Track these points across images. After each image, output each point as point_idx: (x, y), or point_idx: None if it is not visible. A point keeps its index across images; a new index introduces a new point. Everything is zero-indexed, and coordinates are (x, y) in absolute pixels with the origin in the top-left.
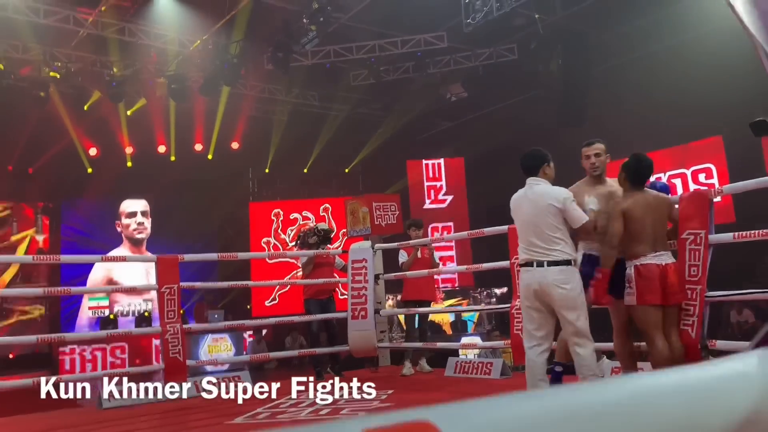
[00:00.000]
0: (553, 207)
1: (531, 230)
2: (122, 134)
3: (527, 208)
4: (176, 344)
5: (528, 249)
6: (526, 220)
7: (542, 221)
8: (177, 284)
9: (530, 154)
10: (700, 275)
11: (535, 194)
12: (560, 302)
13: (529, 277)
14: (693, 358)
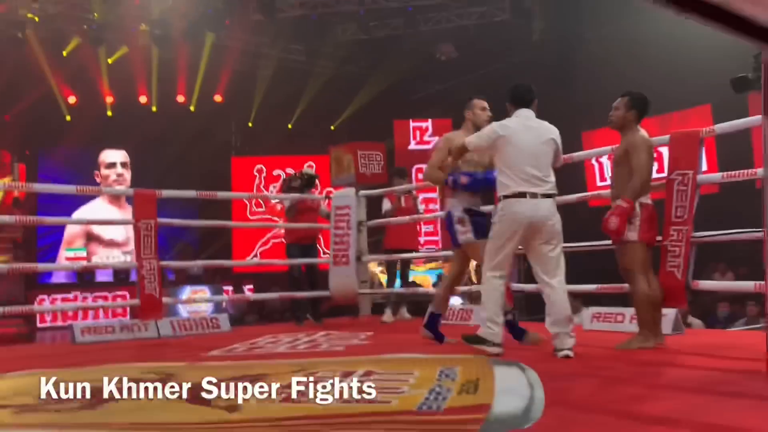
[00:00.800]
0: (553, 142)
1: (529, 161)
2: (102, 83)
3: (528, 139)
4: (152, 281)
5: (524, 180)
6: (525, 150)
7: (543, 153)
8: (154, 219)
9: (525, 86)
10: (686, 216)
11: (535, 126)
12: (547, 235)
13: (522, 208)
14: (678, 299)
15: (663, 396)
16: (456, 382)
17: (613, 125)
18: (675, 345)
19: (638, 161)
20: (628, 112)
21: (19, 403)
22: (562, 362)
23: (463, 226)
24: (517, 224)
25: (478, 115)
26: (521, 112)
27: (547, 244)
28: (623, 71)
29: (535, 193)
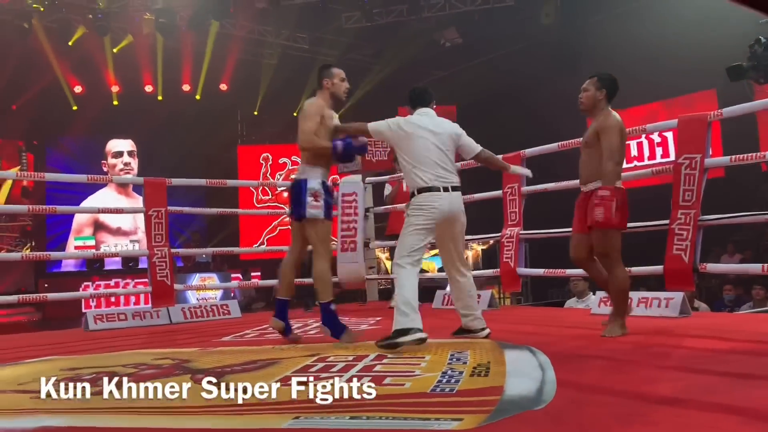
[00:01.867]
0: (455, 135)
1: (435, 156)
2: (108, 72)
3: (430, 135)
4: (164, 268)
5: (436, 175)
6: (429, 147)
7: (446, 148)
8: (164, 207)
9: (423, 87)
10: (694, 200)
11: (436, 123)
12: (460, 229)
13: (440, 202)
14: (686, 282)
15: (672, 377)
16: (467, 366)
17: (583, 107)
18: (682, 328)
19: (610, 144)
20: (597, 92)
21: (37, 389)
22: (572, 345)
23: (316, 200)
24: (435, 217)
25: (338, 86)
26: (422, 110)
27: (460, 236)
28: (629, 56)
29: (447, 186)
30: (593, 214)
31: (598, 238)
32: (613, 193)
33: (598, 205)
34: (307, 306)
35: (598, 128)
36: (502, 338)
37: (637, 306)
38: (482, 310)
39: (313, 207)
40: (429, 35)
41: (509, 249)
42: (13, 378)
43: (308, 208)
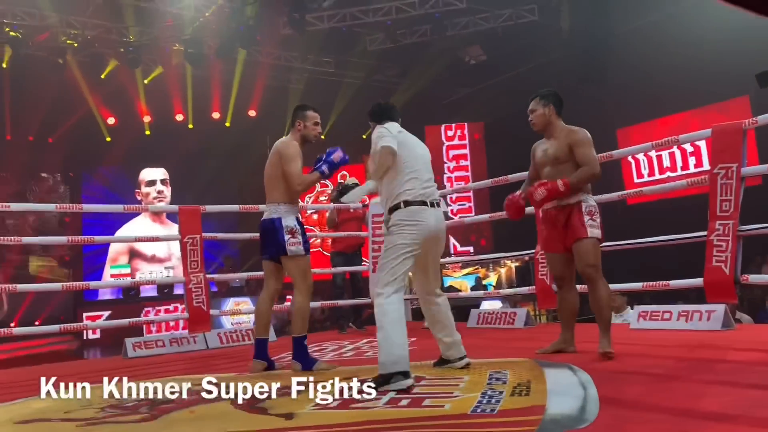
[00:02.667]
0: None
1: (424, 166)
2: (140, 103)
3: (418, 147)
4: (200, 294)
5: (423, 187)
6: (418, 159)
7: (428, 161)
8: (199, 234)
9: (389, 104)
10: (732, 210)
11: (414, 138)
12: (441, 247)
13: (427, 217)
14: (727, 294)
15: (718, 392)
16: (507, 385)
17: (537, 127)
18: (726, 341)
19: (587, 155)
20: (545, 109)
21: (83, 417)
22: (612, 362)
23: (294, 237)
24: (422, 236)
25: (310, 129)
26: (395, 124)
27: (438, 257)
28: (658, 66)
29: (433, 202)
30: (534, 192)
31: (588, 249)
32: (567, 189)
33: (542, 185)
34: (341, 328)
35: (570, 143)
36: (541, 357)
37: (678, 319)
38: (518, 327)
39: (293, 244)
40: (453, 53)
41: (544, 266)
42: (59, 406)
43: (288, 245)
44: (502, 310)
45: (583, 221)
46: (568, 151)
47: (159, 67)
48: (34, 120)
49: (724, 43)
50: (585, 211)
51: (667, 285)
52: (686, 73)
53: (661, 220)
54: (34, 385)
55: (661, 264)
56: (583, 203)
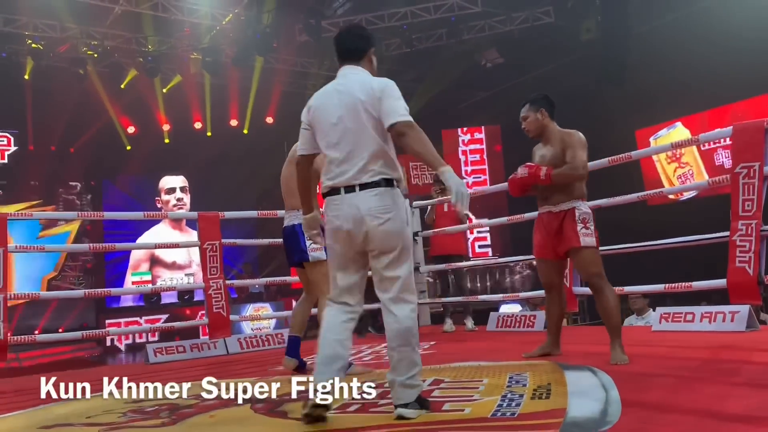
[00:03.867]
0: (361, 104)
1: (331, 140)
2: (159, 111)
3: (330, 109)
4: (219, 299)
5: (327, 170)
6: (326, 126)
7: (349, 126)
8: (219, 240)
9: (353, 31)
10: (755, 210)
11: (345, 88)
12: (376, 244)
13: (332, 209)
14: (751, 295)
15: (744, 394)
16: (527, 388)
17: (532, 134)
18: (751, 342)
19: (575, 156)
20: (537, 114)
21: (105, 422)
22: (634, 363)
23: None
24: (334, 232)
25: None
26: (342, 70)
27: (379, 258)
28: (675, 66)
29: (337, 186)
30: (575, 236)
31: (589, 257)
32: (548, 179)
33: (526, 166)
34: (360, 332)
35: (563, 146)
36: (561, 359)
37: (701, 321)
38: (538, 330)
39: (314, 249)
40: (470, 57)
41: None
42: (82, 411)
43: (310, 251)
44: (521, 313)
45: (576, 229)
46: (563, 156)
47: (177, 75)
48: (56, 130)
49: (744, 41)
50: (578, 219)
51: (690, 286)
52: (706, 73)
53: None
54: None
55: (683, 265)
56: (577, 210)
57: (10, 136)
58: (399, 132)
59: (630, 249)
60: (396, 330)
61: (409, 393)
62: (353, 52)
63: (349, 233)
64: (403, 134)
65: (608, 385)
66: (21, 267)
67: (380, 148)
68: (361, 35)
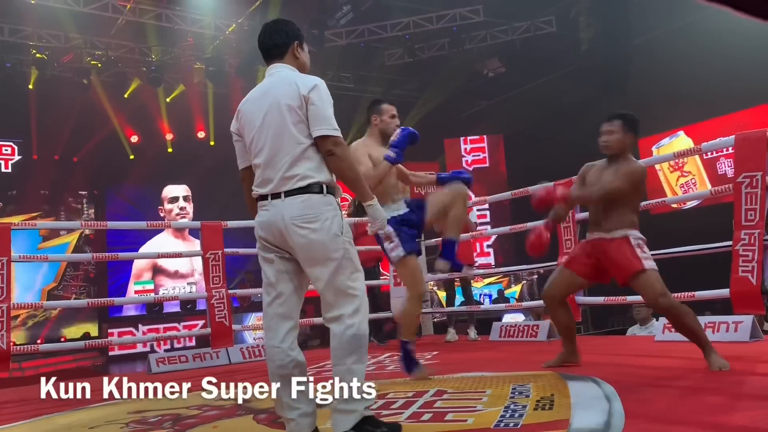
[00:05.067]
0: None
1: (255, 146)
2: (162, 121)
3: (254, 113)
4: (222, 309)
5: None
6: (250, 132)
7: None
8: (221, 250)
9: (277, 26)
10: (757, 219)
11: (269, 90)
12: (303, 254)
13: (258, 220)
14: (755, 304)
15: (748, 406)
16: (530, 399)
17: (611, 151)
18: (755, 352)
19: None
20: (625, 135)
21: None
22: (637, 374)
23: (391, 242)
24: (262, 243)
25: (387, 123)
26: (268, 70)
27: (312, 269)
28: (676, 75)
29: (264, 194)
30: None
31: (651, 281)
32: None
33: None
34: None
35: (626, 173)
36: (565, 369)
37: (704, 331)
38: (541, 340)
39: (392, 250)
40: (471, 66)
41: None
42: (84, 421)
43: (390, 252)
44: (524, 323)
45: (636, 254)
46: (622, 187)
47: (181, 85)
48: (59, 139)
49: (746, 50)
50: (635, 244)
51: (693, 296)
52: (708, 82)
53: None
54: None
55: (686, 274)
56: (631, 237)
57: (14, 146)
58: (327, 149)
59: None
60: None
61: (347, 420)
62: (273, 49)
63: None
64: (331, 153)
65: (612, 396)
66: (21, 278)
67: (305, 149)
68: (280, 30)
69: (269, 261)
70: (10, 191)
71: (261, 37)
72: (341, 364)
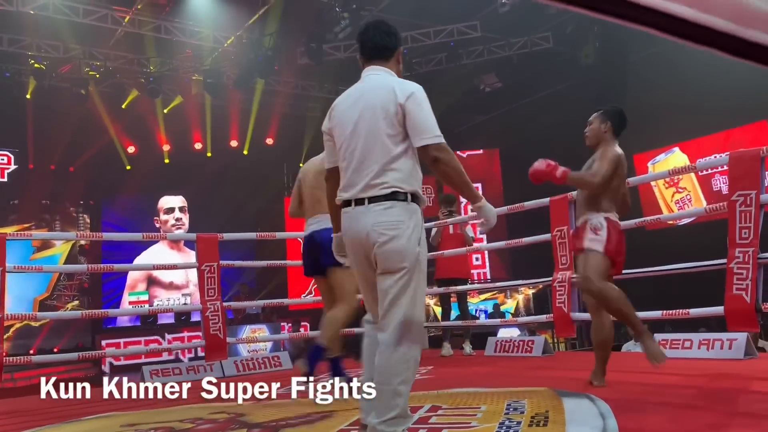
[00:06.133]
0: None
1: (345, 150)
2: (159, 132)
3: (348, 117)
4: (216, 321)
5: (342, 182)
6: (342, 136)
7: (365, 135)
8: (217, 262)
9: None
10: (752, 237)
11: (366, 93)
12: (381, 261)
13: (344, 224)
14: (749, 322)
15: (742, 423)
16: (525, 415)
17: (589, 142)
18: (749, 370)
19: (599, 166)
20: (602, 125)
21: None
22: (632, 391)
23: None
24: (349, 247)
25: None
26: (365, 71)
27: (383, 276)
28: (673, 91)
29: (349, 199)
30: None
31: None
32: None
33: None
34: (358, 355)
35: (595, 156)
36: (560, 386)
37: (699, 348)
38: (536, 356)
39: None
40: (468, 81)
41: (562, 294)
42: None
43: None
44: (519, 338)
45: (584, 235)
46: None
47: (178, 96)
48: (56, 149)
49: (743, 67)
50: (590, 227)
51: (687, 313)
52: (703, 98)
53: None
54: (52, 413)
55: (681, 291)
56: (591, 220)
57: (11, 155)
58: (431, 157)
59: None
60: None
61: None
62: (382, 51)
63: (359, 250)
64: (436, 160)
65: (606, 413)
66: (13, 289)
67: (395, 157)
68: (390, 32)
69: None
70: (6, 201)
71: (371, 35)
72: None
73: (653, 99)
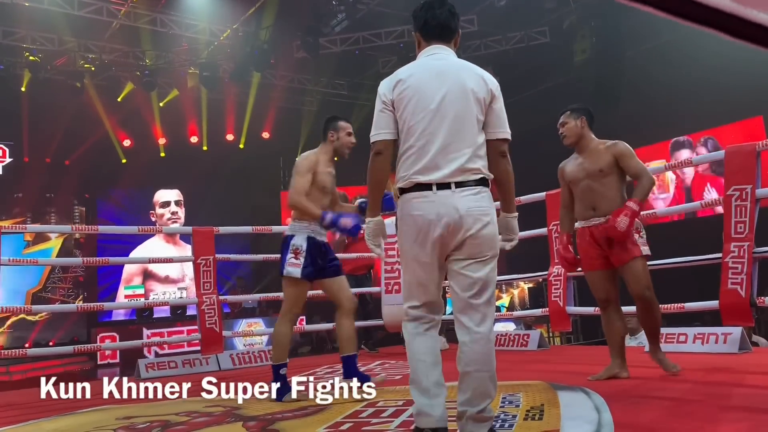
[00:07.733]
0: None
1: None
2: (155, 125)
3: (430, 90)
4: (212, 315)
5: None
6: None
7: (455, 114)
8: (212, 255)
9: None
10: (747, 232)
11: (448, 70)
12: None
13: (423, 208)
14: (744, 317)
15: (736, 417)
16: (520, 409)
17: (569, 141)
18: (743, 364)
19: (639, 166)
20: (577, 121)
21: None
22: (626, 385)
23: (296, 258)
24: (419, 232)
25: (343, 140)
26: (432, 48)
27: (470, 263)
28: (669, 87)
29: (427, 183)
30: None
31: (640, 271)
32: (641, 209)
33: (621, 213)
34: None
35: (615, 155)
36: (555, 379)
37: (693, 342)
38: (532, 350)
39: (291, 265)
40: None
41: (557, 288)
42: (73, 427)
43: (287, 265)
44: (515, 332)
45: (634, 240)
46: (614, 164)
47: (174, 90)
48: (51, 142)
49: (738, 62)
50: (635, 227)
51: (683, 308)
52: (699, 94)
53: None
54: (48, 406)
55: (676, 286)
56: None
57: (5, 148)
58: (501, 151)
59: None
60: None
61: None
62: (447, 31)
63: (442, 236)
64: (504, 155)
65: (601, 406)
66: (5, 282)
67: (481, 144)
68: (454, 12)
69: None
70: (0, 194)
71: (436, 12)
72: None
73: (649, 94)
